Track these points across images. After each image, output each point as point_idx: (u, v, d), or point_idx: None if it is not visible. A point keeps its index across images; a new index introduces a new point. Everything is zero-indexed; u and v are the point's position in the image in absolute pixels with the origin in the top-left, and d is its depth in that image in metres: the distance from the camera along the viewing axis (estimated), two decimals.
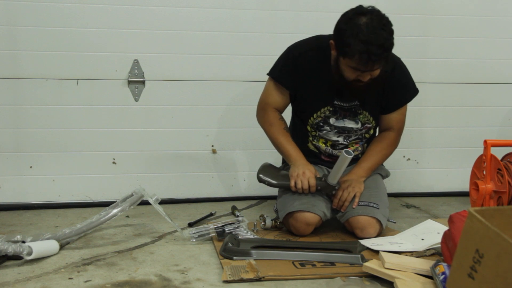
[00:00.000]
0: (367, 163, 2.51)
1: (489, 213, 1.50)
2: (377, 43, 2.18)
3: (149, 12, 3.07)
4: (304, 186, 2.39)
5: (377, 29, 2.19)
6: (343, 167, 2.35)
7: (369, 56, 2.19)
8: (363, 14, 2.23)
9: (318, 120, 2.51)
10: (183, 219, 2.79)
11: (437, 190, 3.43)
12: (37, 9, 2.95)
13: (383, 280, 1.89)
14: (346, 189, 2.41)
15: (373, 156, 2.52)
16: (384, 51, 2.21)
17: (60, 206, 3.04)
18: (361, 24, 2.20)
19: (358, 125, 2.51)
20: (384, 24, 2.22)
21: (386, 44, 2.21)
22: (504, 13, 3.39)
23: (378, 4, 3.24)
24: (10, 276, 1.97)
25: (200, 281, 1.94)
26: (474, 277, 1.46)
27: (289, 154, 2.49)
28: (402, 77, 2.51)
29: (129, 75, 3.08)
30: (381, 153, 2.54)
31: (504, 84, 3.44)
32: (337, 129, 2.51)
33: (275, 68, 2.52)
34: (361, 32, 2.19)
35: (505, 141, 2.89)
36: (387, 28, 2.23)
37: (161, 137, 3.16)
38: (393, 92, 2.48)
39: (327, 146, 2.55)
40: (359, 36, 2.18)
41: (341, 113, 2.48)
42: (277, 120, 2.54)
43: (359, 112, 2.49)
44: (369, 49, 2.18)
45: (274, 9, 3.18)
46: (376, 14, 2.24)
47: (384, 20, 2.24)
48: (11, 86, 2.98)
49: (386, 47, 2.21)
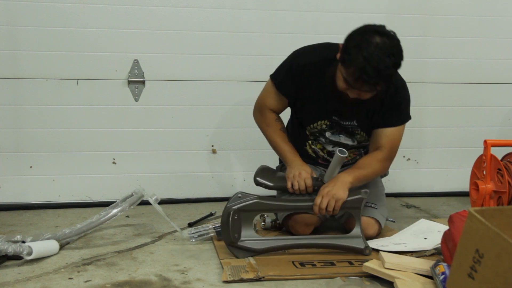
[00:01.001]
0: (356, 171, 2.34)
1: (489, 213, 1.50)
2: (375, 65, 2.08)
3: (149, 12, 3.07)
4: (301, 187, 2.34)
5: (383, 53, 2.10)
6: (338, 166, 2.32)
7: (361, 75, 2.10)
8: (380, 34, 2.14)
9: (314, 131, 2.50)
10: (183, 219, 2.79)
11: (437, 190, 3.43)
12: (37, 9, 2.95)
13: (383, 280, 1.89)
14: (325, 195, 2.23)
15: (361, 169, 2.36)
16: (378, 76, 2.11)
17: (60, 206, 3.04)
18: (372, 42, 2.11)
19: (354, 143, 2.48)
20: (392, 53, 2.13)
21: (384, 71, 2.10)
22: (504, 13, 3.39)
23: (378, 5, 3.28)
24: (10, 276, 1.97)
25: (200, 281, 1.94)
26: (474, 277, 1.46)
27: (285, 155, 2.46)
28: (403, 100, 2.41)
29: (129, 75, 3.08)
30: (371, 167, 2.37)
31: (504, 84, 3.44)
32: (333, 143, 2.49)
33: (278, 73, 2.46)
34: (366, 49, 2.10)
35: (505, 141, 2.89)
36: (394, 57, 2.13)
37: (161, 137, 3.16)
38: (387, 111, 2.38)
39: (324, 153, 2.55)
40: (362, 52, 2.10)
41: (338, 128, 2.46)
42: (273, 121, 2.51)
43: (356, 132, 2.45)
44: (364, 67, 2.09)
45: (274, 9, 3.18)
46: (392, 40, 2.16)
47: (395, 49, 2.15)
48: (11, 86, 2.98)
49: (382, 74, 2.11)
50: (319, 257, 2.16)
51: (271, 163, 2.95)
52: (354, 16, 3.23)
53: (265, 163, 3.20)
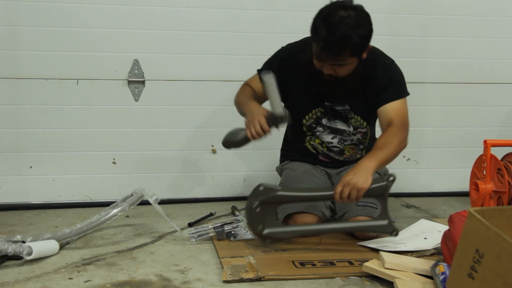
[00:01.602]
0: (377, 153, 2.25)
1: (489, 213, 1.50)
2: (337, 35, 2.13)
3: (149, 12, 3.07)
4: (257, 130, 2.22)
5: (345, 24, 2.14)
6: (273, 91, 2.23)
7: (324, 45, 2.17)
8: (346, 8, 2.19)
9: (310, 122, 2.50)
10: (183, 219, 2.78)
11: (437, 190, 3.43)
12: (37, 9, 2.95)
13: (383, 280, 1.89)
14: (346, 185, 2.15)
15: (382, 148, 2.27)
16: (340, 45, 2.15)
17: (60, 206, 3.03)
18: (337, 14, 2.16)
19: (350, 128, 2.49)
20: (357, 23, 2.16)
21: (345, 40, 2.14)
22: (504, 13, 3.39)
23: (378, 5, 3.28)
24: (10, 276, 1.97)
25: (200, 281, 1.94)
26: (474, 277, 1.46)
27: (243, 106, 2.39)
28: (395, 75, 2.43)
29: (129, 75, 3.08)
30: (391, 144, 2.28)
31: (504, 84, 3.44)
32: (330, 129, 2.50)
33: (264, 66, 2.55)
34: (330, 21, 2.16)
35: (505, 141, 2.89)
36: (358, 27, 2.16)
37: (161, 137, 3.16)
38: (382, 89, 2.40)
39: (323, 148, 2.55)
40: (326, 23, 2.16)
41: (332, 113, 2.47)
42: (245, 87, 2.50)
43: (350, 117, 2.47)
44: (327, 37, 2.15)
45: (274, 9, 3.18)
46: (359, 13, 2.19)
47: (361, 20, 2.19)
48: (11, 86, 2.98)
49: (344, 42, 2.15)
50: (319, 257, 2.16)
51: (272, 163, 2.97)
52: None
53: (265, 163, 3.22)
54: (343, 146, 2.53)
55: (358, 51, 2.22)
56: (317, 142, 2.55)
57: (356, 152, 2.57)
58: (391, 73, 2.43)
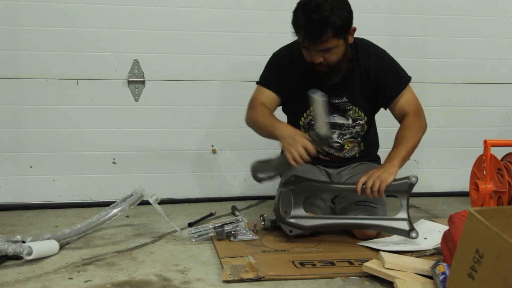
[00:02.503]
0: (398, 151, 2.32)
1: (489, 213, 1.50)
2: (316, 18, 2.18)
3: (149, 12, 3.07)
4: (302, 154, 2.16)
5: (324, 7, 2.18)
6: (322, 110, 2.20)
7: (305, 31, 2.21)
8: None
9: (309, 119, 2.51)
10: (183, 219, 2.78)
11: (437, 190, 3.43)
12: (37, 9, 2.95)
13: (383, 280, 1.89)
14: (371, 177, 2.24)
15: (402, 143, 2.34)
16: (319, 28, 2.18)
17: (60, 206, 3.03)
18: (313, 2, 2.21)
19: (349, 121, 2.49)
20: (335, 6, 2.20)
21: (325, 21, 2.18)
22: (504, 13, 3.39)
23: (378, 5, 3.28)
24: (10, 276, 1.97)
25: (200, 281, 1.94)
26: (474, 277, 1.46)
27: (272, 128, 2.31)
28: (390, 64, 2.46)
29: (129, 75, 3.08)
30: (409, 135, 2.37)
31: (504, 84, 3.44)
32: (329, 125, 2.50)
33: (262, 75, 2.55)
34: (307, 8, 2.21)
35: (505, 141, 2.89)
36: (337, 9, 2.20)
37: (161, 137, 3.16)
38: (383, 83, 2.43)
39: (324, 155, 2.56)
40: (303, 11, 2.21)
41: (330, 108, 2.47)
42: (260, 106, 2.44)
43: (349, 108, 2.47)
44: (305, 23, 2.20)
45: (274, 9, 3.18)
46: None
47: (339, 3, 2.23)
48: (11, 86, 2.98)
49: (325, 24, 2.18)
50: (319, 257, 2.16)
51: None
52: (354, 16, 3.22)
53: None
54: (343, 140, 2.54)
55: (339, 32, 2.24)
56: None
57: (354, 145, 2.57)
58: (386, 64, 2.45)
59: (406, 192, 2.30)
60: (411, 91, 2.49)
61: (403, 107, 2.46)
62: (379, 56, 2.46)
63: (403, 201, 2.31)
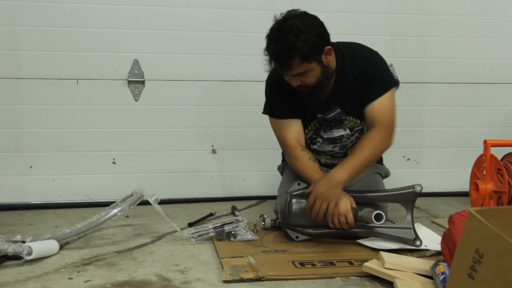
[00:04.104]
0: (348, 163, 2.25)
1: (489, 213, 1.50)
2: (283, 45, 2.17)
3: (149, 12, 3.07)
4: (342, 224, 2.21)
5: (290, 33, 2.16)
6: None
7: (274, 58, 2.21)
8: (290, 18, 2.22)
9: (310, 134, 2.51)
10: (183, 219, 2.79)
11: (437, 190, 3.43)
12: (37, 9, 2.96)
13: (383, 280, 1.89)
14: (318, 198, 2.20)
15: (355, 155, 2.26)
16: (287, 55, 2.16)
17: (60, 206, 3.04)
18: (282, 26, 2.21)
19: (347, 131, 2.47)
20: (300, 30, 2.16)
21: (290, 48, 2.15)
22: (504, 13, 3.39)
23: (378, 5, 3.28)
24: (10, 276, 1.97)
25: (200, 281, 1.94)
26: (474, 277, 1.46)
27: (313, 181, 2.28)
28: (375, 69, 2.36)
29: (129, 75, 3.08)
30: (365, 149, 2.26)
31: (504, 84, 3.44)
32: (329, 140, 2.50)
33: (266, 106, 2.50)
34: (275, 34, 2.21)
35: (505, 141, 2.89)
36: (303, 34, 2.16)
37: (161, 137, 3.16)
38: (366, 86, 2.35)
39: (328, 159, 2.57)
40: (272, 37, 2.21)
41: (327, 125, 2.46)
42: (299, 152, 2.38)
43: (344, 119, 2.45)
44: (274, 50, 2.20)
45: (274, 9, 3.13)
46: (302, 19, 2.20)
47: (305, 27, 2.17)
48: (11, 86, 2.98)
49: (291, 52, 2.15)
50: (319, 257, 2.16)
51: (272, 163, 2.96)
52: (354, 16, 3.24)
53: (265, 163, 3.21)
54: (346, 149, 2.53)
55: (308, 57, 2.19)
56: (323, 158, 2.56)
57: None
58: (371, 67, 2.36)
59: (411, 202, 2.30)
60: (388, 100, 2.34)
61: (373, 115, 2.33)
62: (365, 59, 2.37)
63: (408, 210, 2.30)
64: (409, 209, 2.30)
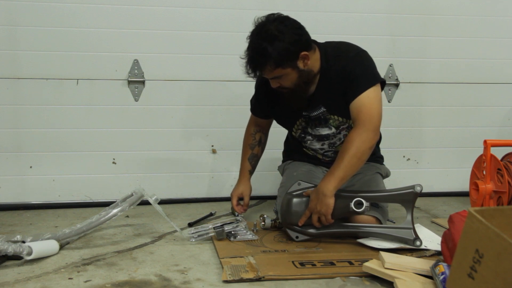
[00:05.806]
0: (335, 171, 2.23)
1: (489, 213, 1.50)
2: (255, 51, 2.22)
3: (149, 12, 3.07)
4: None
5: (263, 39, 2.20)
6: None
7: (249, 63, 2.25)
8: (268, 22, 2.26)
9: (299, 132, 2.52)
10: (183, 219, 2.79)
11: (437, 190, 3.43)
12: (37, 9, 2.95)
13: (383, 280, 1.89)
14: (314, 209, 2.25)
15: (340, 160, 2.23)
16: (259, 61, 2.22)
17: (60, 206, 3.04)
18: (258, 32, 2.25)
19: (332, 130, 2.47)
20: (274, 37, 2.19)
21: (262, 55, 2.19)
22: (504, 13, 3.39)
23: (378, 5, 3.28)
24: (10, 276, 1.97)
25: (200, 281, 1.94)
26: (474, 277, 1.46)
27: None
28: (356, 67, 2.32)
29: (129, 75, 3.08)
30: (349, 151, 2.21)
31: (504, 84, 3.44)
32: (317, 137, 2.52)
33: (251, 101, 2.67)
34: (251, 39, 2.25)
35: (505, 141, 2.89)
36: (276, 40, 2.18)
37: (161, 137, 3.16)
38: (349, 84, 2.31)
39: (321, 155, 2.59)
40: (249, 41, 2.26)
41: (312, 123, 2.48)
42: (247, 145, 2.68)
43: (328, 118, 2.45)
44: (248, 55, 2.25)
45: (274, 9, 3.13)
46: (277, 25, 2.23)
47: (279, 33, 2.20)
48: (11, 86, 2.98)
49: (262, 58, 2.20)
50: (319, 257, 2.16)
51: (272, 163, 2.96)
52: (354, 16, 3.24)
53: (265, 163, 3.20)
54: (335, 148, 2.53)
55: (280, 63, 2.21)
56: (311, 152, 2.57)
57: None
58: (353, 65, 2.33)
59: (411, 202, 2.30)
60: (371, 97, 2.28)
61: (354, 113, 2.29)
62: (348, 57, 2.34)
63: (408, 210, 2.30)
64: (409, 209, 2.30)
